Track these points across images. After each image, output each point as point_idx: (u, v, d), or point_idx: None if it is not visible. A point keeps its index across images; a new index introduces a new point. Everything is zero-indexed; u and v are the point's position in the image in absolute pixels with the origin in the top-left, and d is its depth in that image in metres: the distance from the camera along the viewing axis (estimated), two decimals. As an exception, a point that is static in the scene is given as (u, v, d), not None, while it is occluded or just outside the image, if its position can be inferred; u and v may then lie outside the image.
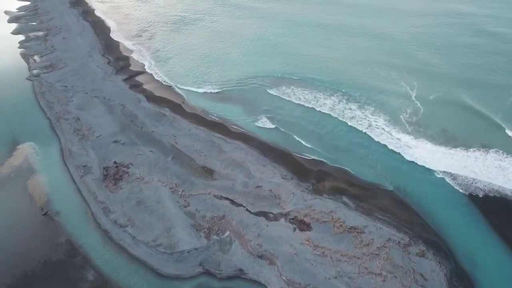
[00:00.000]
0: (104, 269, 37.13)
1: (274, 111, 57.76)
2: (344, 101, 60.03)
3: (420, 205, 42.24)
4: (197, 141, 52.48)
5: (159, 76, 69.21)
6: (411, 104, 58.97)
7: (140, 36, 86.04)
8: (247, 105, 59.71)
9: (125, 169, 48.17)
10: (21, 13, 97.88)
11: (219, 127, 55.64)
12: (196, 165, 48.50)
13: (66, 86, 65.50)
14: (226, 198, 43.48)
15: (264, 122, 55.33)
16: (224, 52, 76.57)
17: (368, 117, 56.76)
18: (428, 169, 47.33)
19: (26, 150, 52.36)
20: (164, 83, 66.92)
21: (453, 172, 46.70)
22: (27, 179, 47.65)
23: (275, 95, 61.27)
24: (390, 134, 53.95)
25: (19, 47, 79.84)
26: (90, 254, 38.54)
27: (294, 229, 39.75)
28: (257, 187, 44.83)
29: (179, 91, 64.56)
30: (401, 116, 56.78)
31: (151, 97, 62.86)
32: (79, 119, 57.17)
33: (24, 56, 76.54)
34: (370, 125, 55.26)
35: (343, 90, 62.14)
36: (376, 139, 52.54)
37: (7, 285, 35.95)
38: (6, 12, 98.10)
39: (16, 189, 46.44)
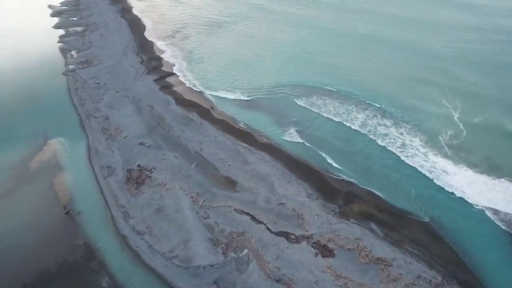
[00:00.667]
0: (119, 276, 36.43)
1: (303, 123, 55.48)
2: (378, 116, 56.93)
3: (456, 241, 38.77)
4: (222, 150, 51.22)
5: (190, 78, 68.66)
6: (452, 125, 55.01)
7: (174, 36, 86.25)
8: (275, 115, 57.84)
9: (148, 173, 47.62)
10: (63, 7, 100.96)
11: (246, 136, 54.15)
12: (219, 175, 47.20)
13: (98, 83, 66.26)
14: (247, 214, 41.84)
15: (292, 135, 53.21)
16: (256, 58, 75.13)
17: (403, 136, 53.43)
18: (467, 200, 43.57)
19: (55, 145, 53.05)
20: (194, 86, 66.25)
21: (495, 205, 42.73)
22: (54, 176, 48.08)
23: (305, 107, 58.96)
24: (426, 156, 50.41)
25: (59, 42, 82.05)
26: (107, 259, 38.02)
27: (316, 254, 37.51)
28: (280, 204, 42.89)
29: (209, 96, 63.66)
30: (440, 138, 53.02)
31: (180, 100, 62.35)
32: (108, 118, 57.43)
33: (62, 50, 78.47)
34: (404, 144, 51.94)
35: (378, 105, 58.98)
36: (410, 160, 49.09)
37: (22, 282, 36.02)
38: (49, 6, 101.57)
39: (42, 184, 46.90)
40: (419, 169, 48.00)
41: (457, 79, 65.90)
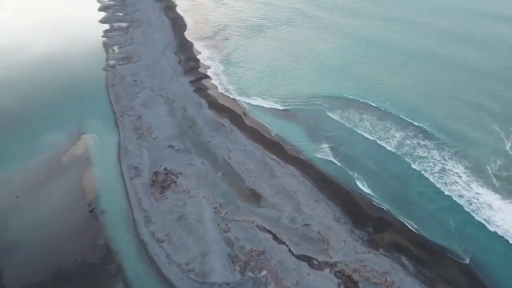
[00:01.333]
0: (134, 284, 35.94)
1: (337, 139, 52.61)
2: (418, 137, 52.92)
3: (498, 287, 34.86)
4: (250, 159, 49.74)
5: (225, 82, 67.83)
6: (503, 154, 50.07)
7: (214, 37, 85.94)
8: (309, 127, 55.47)
9: (174, 177, 47.09)
10: (111, 2, 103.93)
11: (276, 147, 52.32)
12: (245, 187, 45.74)
13: (136, 81, 67.04)
14: (269, 232, 40.03)
15: (324, 151, 50.63)
16: (295, 65, 73.00)
17: (445, 161, 49.22)
18: (514, 243, 39.18)
19: (88, 140, 53.99)
20: (228, 91, 65.26)
21: (548, 252, 38.09)
22: (83, 171, 48.81)
23: (341, 122, 55.87)
24: (469, 186, 46.09)
25: (103, 36, 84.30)
26: (124, 264, 37.67)
27: (339, 285, 35.03)
28: (305, 225, 40.71)
29: (242, 102, 62.39)
30: (487, 167, 48.34)
31: (213, 104, 61.59)
32: (140, 117, 57.75)
33: (105, 45, 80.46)
34: (444, 170, 47.82)
35: (419, 125, 54.91)
36: (450, 190, 45.02)
37: (39, 277, 36.44)
38: (98, 1, 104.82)
39: (72, 179, 47.74)
40: (459, 200, 43.86)
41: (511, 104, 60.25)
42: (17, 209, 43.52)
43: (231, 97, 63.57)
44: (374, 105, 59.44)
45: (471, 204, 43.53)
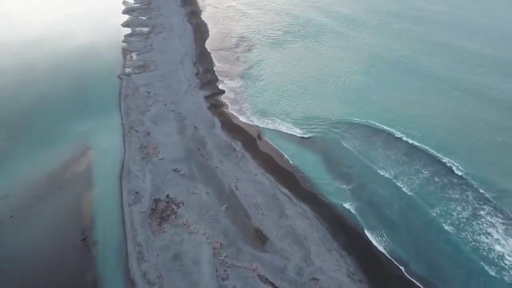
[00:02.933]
0: (116, 333, 32.48)
1: (357, 178, 46.97)
2: (448, 180, 46.60)
3: None
4: (259, 192, 45.35)
5: (242, 99, 63.77)
6: (550, 209, 43.19)
7: (236, 48, 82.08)
8: (327, 159, 50.40)
9: (175, 207, 43.39)
10: (136, 5, 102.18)
11: (289, 179, 47.69)
12: (250, 225, 41.40)
13: (149, 92, 64.11)
14: (272, 284, 35.53)
15: (342, 191, 45.42)
16: (317, 84, 67.91)
17: (477, 212, 42.89)
18: None
19: (92, 157, 51.29)
20: (244, 110, 61.07)
21: None
22: (82, 191, 45.99)
23: (363, 158, 49.97)
24: (506, 242, 39.82)
25: (123, 41, 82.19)
26: (109, 307, 34.36)
27: None
28: (313, 279, 35.92)
29: (257, 123, 58.04)
30: (530, 222, 41.74)
31: (226, 124, 57.63)
32: (148, 134, 54.58)
33: (124, 51, 78.24)
34: (476, 223, 41.55)
35: (449, 164, 48.49)
36: (481, 247, 38.97)
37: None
38: (124, 2, 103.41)
39: (69, 200, 44.98)
40: (491, 259, 37.73)
41: None
42: (8, 231, 41.09)
43: (246, 117, 59.33)
44: (400, 136, 53.47)
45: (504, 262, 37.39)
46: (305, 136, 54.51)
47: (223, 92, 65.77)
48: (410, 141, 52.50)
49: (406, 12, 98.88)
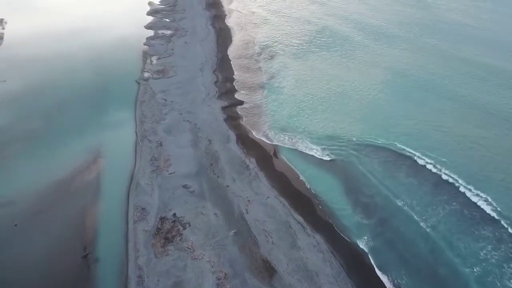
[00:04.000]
0: None
1: (379, 212, 42.97)
2: (486, 223, 41.98)
3: None
4: (271, 218, 42.56)
5: (261, 112, 61.14)
6: None
7: (259, 55, 79.50)
8: (347, 186, 47.01)
9: (181, 228, 41.21)
10: (161, 6, 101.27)
11: (304, 204, 44.69)
12: (258, 255, 38.67)
13: (165, 100, 62.42)
14: (277, 326, 32.70)
15: (361, 224, 41.93)
16: (342, 98, 64.40)
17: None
18: None
19: (102, 166, 49.83)
20: (261, 123, 58.40)
21: None
22: (89, 203, 44.55)
23: (387, 191, 45.85)
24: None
25: (144, 44, 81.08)
26: (103, 336, 32.47)
27: None
28: (323, 324, 32.82)
29: (275, 138, 55.21)
30: None
31: (242, 138, 55.11)
32: (161, 145, 52.75)
33: (145, 54, 77.04)
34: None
35: (483, 201, 44.07)
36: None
37: None
38: (149, 3, 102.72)
39: (74, 211, 43.55)
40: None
41: None
42: (10, 241, 40.04)
43: (263, 131, 56.61)
44: (427, 164, 49.30)
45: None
46: (324, 157, 51.14)
47: (241, 103, 63.28)
48: (438, 171, 48.29)
49: (437, 25, 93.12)
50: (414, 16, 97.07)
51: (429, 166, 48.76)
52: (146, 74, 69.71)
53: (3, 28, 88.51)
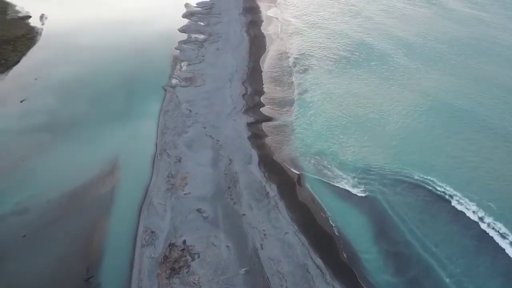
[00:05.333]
0: None
1: (410, 267, 37.49)
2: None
3: None
4: (287, 258, 38.77)
5: (288, 130, 57.31)
6: None
7: (294, 66, 75.45)
8: (376, 228, 42.23)
9: (190, 259, 38.36)
10: (197, 9, 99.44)
11: (326, 244, 40.62)
12: (269, 300, 35.07)
13: (190, 111, 60.01)
14: None
15: (389, 279, 37.07)
16: (377, 121, 59.05)
17: None
18: None
19: (118, 178, 48.15)
20: (288, 143, 54.56)
21: None
22: (99, 219, 42.83)
23: (420, 240, 40.38)
24: None
25: (176, 48, 79.31)
26: None
27: None
28: None
29: (300, 163, 51.24)
30: None
31: (265, 160, 51.58)
32: (180, 161, 50.27)
33: (175, 59, 75.20)
34: None
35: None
36: None
37: None
38: (186, 5, 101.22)
39: (83, 226, 42.01)
40: None
41: None
42: (16, 253, 38.93)
43: (288, 154, 52.75)
44: (471, 211, 43.48)
45: None
46: (353, 191, 46.55)
47: (268, 119, 59.71)
48: (484, 220, 42.36)
49: (492, 48, 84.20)
50: (465, 35, 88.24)
51: (474, 214, 42.84)
52: (173, 81, 67.73)
53: (43, 24, 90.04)
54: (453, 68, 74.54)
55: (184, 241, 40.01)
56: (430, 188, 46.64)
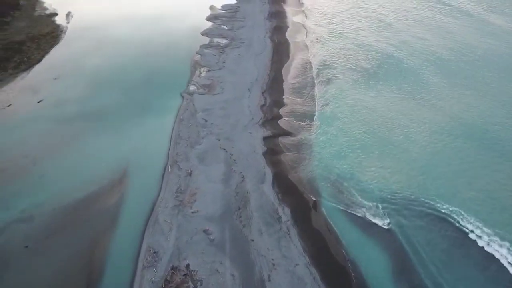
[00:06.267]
0: None
1: None
2: None
3: None
4: (295, 293, 35.84)
5: (306, 147, 54.21)
6: None
7: (318, 76, 72.07)
8: (397, 266, 38.44)
9: (192, 285, 36.13)
10: (221, 12, 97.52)
11: (340, 279, 37.36)
12: None
13: (206, 121, 57.91)
14: None
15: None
16: (402, 145, 54.79)
17: None
18: None
19: (126, 189, 46.63)
20: (305, 163, 51.48)
21: None
22: (102, 233, 41.27)
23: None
24: None
25: (197, 52, 77.59)
26: None
27: None
28: None
29: (316, 185, 48.10)
30: None
31: (279, 179, 48.73)
32: (190, 175, 48.20)
33: (195, 64, 73.45)
34: None
35: None
36: None
37: None
38: (211, 8, 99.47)
39: (86, 239, 40.54)
40: None
41: None
42: (17, 264, 37.89)
43: (306, 174, 49.66)
44: (503, 257, 39.09)
45: None
46: (373, 221, 43.02)
47: (286, 133, 56.79)
48: (516, 267, 37.99)
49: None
50: (507, 54, 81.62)
51: (502, 260, 38.50)
52: (191, 88, 65.90)
53: (68, 22, 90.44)
54: (491, 90, 68.52)
55: (188, 265, 37.81)
56: (458, 225, 42.46)
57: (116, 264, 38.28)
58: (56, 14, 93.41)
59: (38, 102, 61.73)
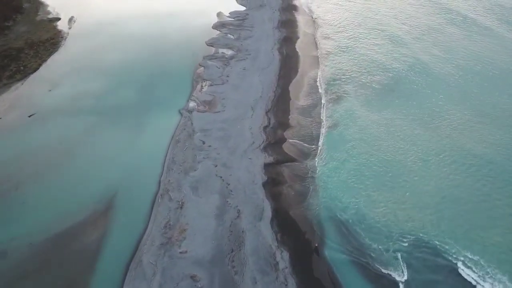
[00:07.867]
0: None
1: None
2: None
3: None
4: None
5: (310, 176, 49.52)
6: None
7: (326, 92, 67.07)
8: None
9: None
10: (229, 19, 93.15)
11: None
12: None
13: (203, 143, 53.64)
14: None
15: None
16: (417, 176, 49.06)
17: None
18: None
19: (109, 222, 42.80)
20: (308, 197, 46.73)
21: None
22: (80, 276, 37.44)
23: None
24: None
25: (200, 64, 73.40)
26: None
27: None
28: None
29: (322, 226, 43.29)
30: None
31: (279, 216, 44.15)
32: (181, 208, 43.99)
33: (197, 78, 69.30)
34: None
35: None
36: None
37: None
38: (218, 14, 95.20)
39: (61, 285, 36.69)
40: None
41: None
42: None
43: (309, 210, 44.94)
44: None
45: None
46: (382, 271, 37.98)
47: (289, 160, 52.09)
48: None
49: None
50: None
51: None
52: (191, 104, 61.78)
53: (70, 28, 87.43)
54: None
55: (169, 321, 33.50)
56: (478, 279, 37.07)
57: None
58: (59, 19, 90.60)
59: (29, 116, 58.51)
